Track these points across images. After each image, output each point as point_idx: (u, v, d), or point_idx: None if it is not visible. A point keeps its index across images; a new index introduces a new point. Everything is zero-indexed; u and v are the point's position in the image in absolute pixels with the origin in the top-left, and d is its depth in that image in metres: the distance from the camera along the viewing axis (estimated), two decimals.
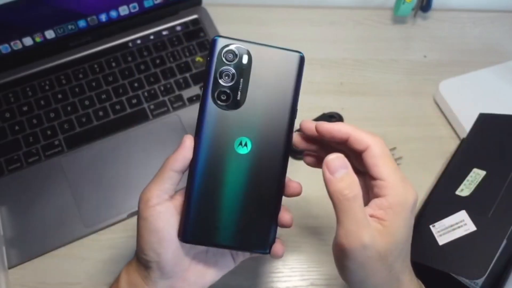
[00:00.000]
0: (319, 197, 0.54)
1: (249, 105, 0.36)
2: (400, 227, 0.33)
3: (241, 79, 0.36)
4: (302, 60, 0.37)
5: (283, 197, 0.38)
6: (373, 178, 0.34)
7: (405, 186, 0.34)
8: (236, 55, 0.36)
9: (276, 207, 0.37)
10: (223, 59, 0.36)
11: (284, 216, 0.37)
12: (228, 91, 0.36)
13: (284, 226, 0.38)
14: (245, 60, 0.36)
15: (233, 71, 0.36)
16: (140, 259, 0.37)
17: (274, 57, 0.37)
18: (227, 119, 0.36)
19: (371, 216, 0.34)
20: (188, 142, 0.36)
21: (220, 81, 0.36)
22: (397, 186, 0.33)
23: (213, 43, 0.36)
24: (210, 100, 0.36)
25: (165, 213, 0.36)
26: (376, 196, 0.34)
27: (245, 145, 0.36)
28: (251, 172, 0.36)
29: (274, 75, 0.37)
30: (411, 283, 0.36)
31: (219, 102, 0.36)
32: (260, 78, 0.36)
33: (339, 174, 0.33)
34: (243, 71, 0.36)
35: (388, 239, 0.33)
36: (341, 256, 0.33)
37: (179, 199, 0.37)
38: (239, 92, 0.36)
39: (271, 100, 0.36)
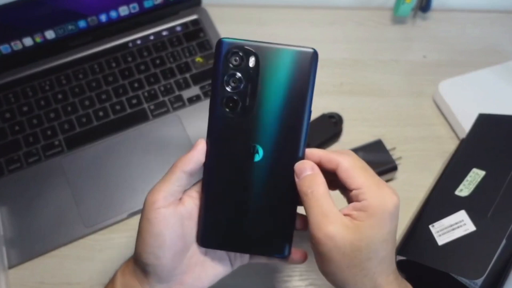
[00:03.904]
0: None
1: (260, 110, 0.35)
2: (372, 227, 0.33)
3: (249, 84, 0.34)
4: (315, 56, 0.35)
5: None
6: (350, 191, 0.35)
7: (381, 191, 0.34)
8: (242, 58, 0.34)
9: (293, 212, 0.37)
10: (229, 63, 0.34)
11: (301, 218, 0.38)
12: (235, 98, 0.35)
13: (301, 229, 0.38)
14: (251, 62, 0.34)
15: (240, 75, 0.34)
16: (138, 262, 0.36)
17: (284, 57, 0.34)
18: (237, 126, 0.35)
19: (346, 215, 0.34)
20: (201, 146, 0.36)
21: (226, 87, 0.35)
22: (372, 190, 0.34)
23: (218, 46, 0.34)
24: (218, 107, 0.35)
25: (170, 217, 0.35)
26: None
27: (257, 151, 0.35)
28: (266, 177, 0.36)
29: (285, 76, 0.34)
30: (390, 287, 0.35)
31: (227, 109, 0.35)
32: (270, 80, 0.34)
33: (303, 175, 0.35)
34: (251, 75, 0.34)
35: (356, 235, 0.33)
36: (312, 246, 0.35)
37: (185, 203, 0.37)
38: (247, 98, 0.35)
39: (283, 103, 0.35)
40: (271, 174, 0.36)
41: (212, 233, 0.37)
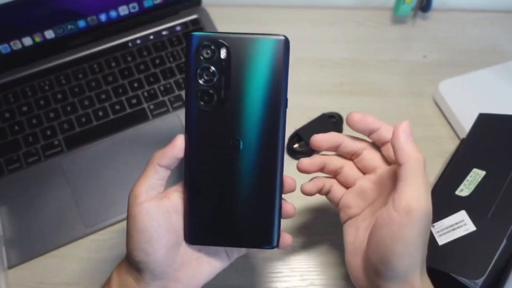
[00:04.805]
0: (318, 197, 0.54)
1: (236, 102, 0.35)
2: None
3: (223, 76, 0.34)
4: (286, 43, 0.34)
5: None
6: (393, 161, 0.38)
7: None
8: (214, 50, 0.34)
9: (278, 201, 0.37)
10: (200, 56, 0.34)
11: (287, 206, 0.38)
12: (210, 91, 0.35)
13: (287, 216, 0.38)
14: (223, 54, 0.34)
15: (212, 68, 0.34)
16: (130, 260, 0.36)
17: (255, 46, 0.34)
18: (214, 119, 0.35)
19: None
20: (179, 141, 0.36)
21: (200, 81, 0.35)
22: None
23: (188, 40, 0.34)
24: (193, 102, 0.35)
25: (153, 211, 0.35)
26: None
27: (237, 144, 0.35)
28: (248, 169, 0.36)
29: (258, 65, 0.34)
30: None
31: (202, 103, 0.35)
32: (244, 71, 0.34)
33: (411, 137, 0.37)
34: (223, 67, 0.34)
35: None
36: (402, 222, 0.34)
37: (171, 197, 0.37)
38: (222, 91, 0.34)
39: (259, 92, 0.34)
40: (253, 165, 0.35)
41: (198, 230, 0.37)
